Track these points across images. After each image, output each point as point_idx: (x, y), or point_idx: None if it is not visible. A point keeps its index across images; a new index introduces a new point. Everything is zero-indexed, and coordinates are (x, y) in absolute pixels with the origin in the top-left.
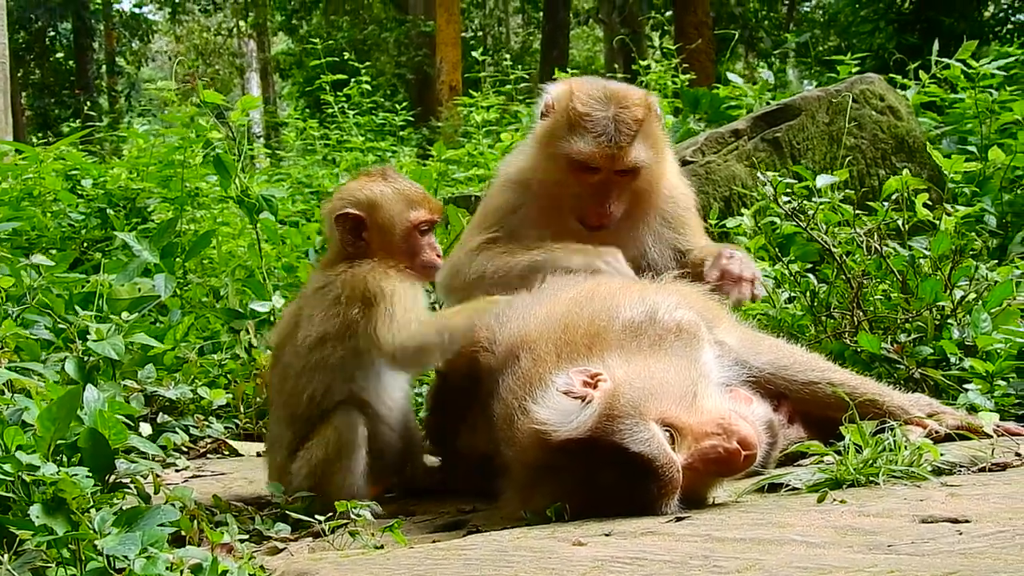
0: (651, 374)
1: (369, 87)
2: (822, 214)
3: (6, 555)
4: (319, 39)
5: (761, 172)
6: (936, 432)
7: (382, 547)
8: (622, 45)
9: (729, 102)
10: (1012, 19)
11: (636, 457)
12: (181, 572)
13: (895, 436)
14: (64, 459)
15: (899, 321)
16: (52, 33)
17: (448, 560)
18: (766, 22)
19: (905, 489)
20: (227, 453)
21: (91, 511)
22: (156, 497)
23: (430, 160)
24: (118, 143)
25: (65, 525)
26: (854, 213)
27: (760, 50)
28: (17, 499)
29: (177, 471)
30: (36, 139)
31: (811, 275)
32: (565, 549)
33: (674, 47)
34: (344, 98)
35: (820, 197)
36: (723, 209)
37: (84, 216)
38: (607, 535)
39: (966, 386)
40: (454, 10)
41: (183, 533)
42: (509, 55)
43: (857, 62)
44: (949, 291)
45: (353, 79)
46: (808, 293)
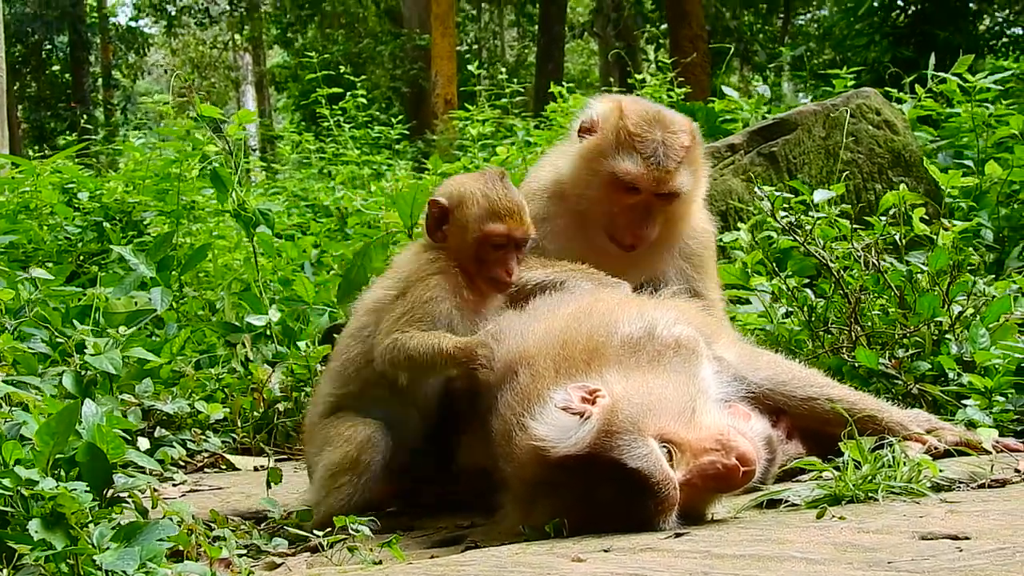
0: (649, 390)
1: (365, 100)
2: (819, 229)
3: (5, 570)
4: (315, 52)
5: (758, 186)
6: (935, 448)
7: (380, 563)
8: (617, 59)
9: (725, 116)
10: (1007, 33)
11: (634, 473)
12: None
13: (894, 452)
14: (62, 473)
15: (897, 336)
16: (48, 46)
17: None
18: (761, 35)
19: (904, 505)
20: (224, 467)
21: (90, 526)
22: (154, 512)
23: (426, 173)
24: (114, 156)
25: (64, 540)
26: (851, 228)
27: (755, 64)
28: (16, 513)
29: (175, 485)
30: (32, 152)
31: (808, 290)
32: (564, 565)
33: (669, 61)
34: (340, 111)
35: (817, 212)
36: (720, 224)
37: (80, 229)
38: (606, 551)
39: (964, 402)
40: (449, 23)
41: (181, 548)
42: (504, 68)
43: (853, 76)
44: (947, 306)
45: (348, 92)
46: (805, 308)
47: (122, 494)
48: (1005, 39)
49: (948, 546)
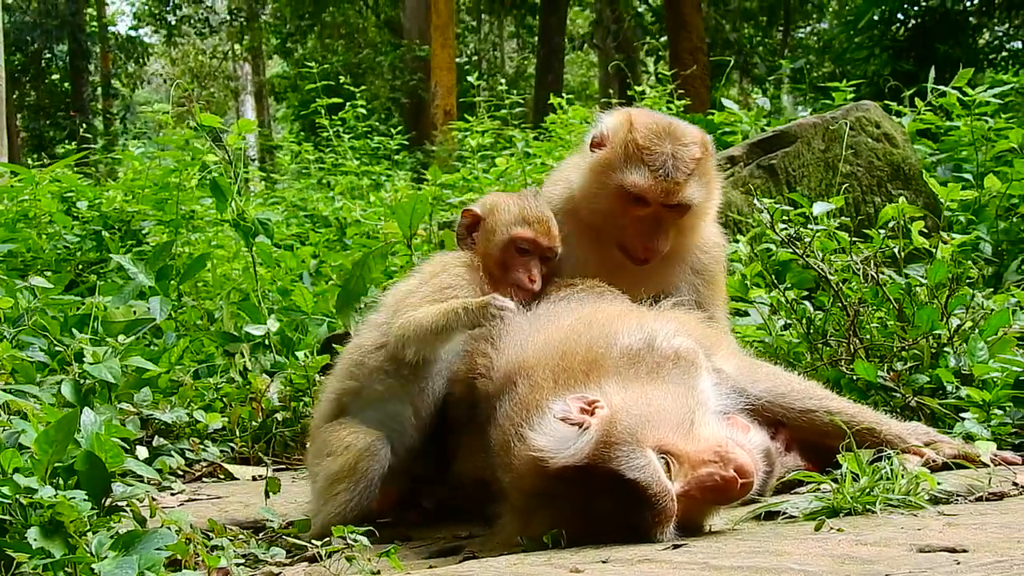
0: (648, 401)
1: (364, 111)
2: (818, 241)
3: None
4: (314, 63)
5: (757, 199)
6: (933, 461)
7: (378, 572)
8: (617, 70)
9: (724, 128)
10: (1007, 47)
11: (632, 484)
12: None
13: (892, 465)
14: (61, 482)
15: (895, 349)
16: (48, 55)
17: None
18: (761, 48)
19: (902, 518)
20: (223, 477)
21: (88, 534)
22: (152, 521)
23: (425, 184)
24: (113, 165)
25: (62, 548)
26: (850, 240)
27: (755, 76)
28: (14, 522)
29: (173, 494)
30: (32, 161)
31: (807, 302)
32: None
33: (669, 73)
34: (339, 122)
35: (816, 224)
36: None
37: (79, 238)
38: (604, 562)
39: (962, 415)
40: (449, 35)
41: (179, 557)
42: (504, 80)
43: (852, 89)
44: (945, 319)
45: (348, 103)
46: (804, 320)
47: (120, 503)
48: (1005, 53)
49: (946, 559)
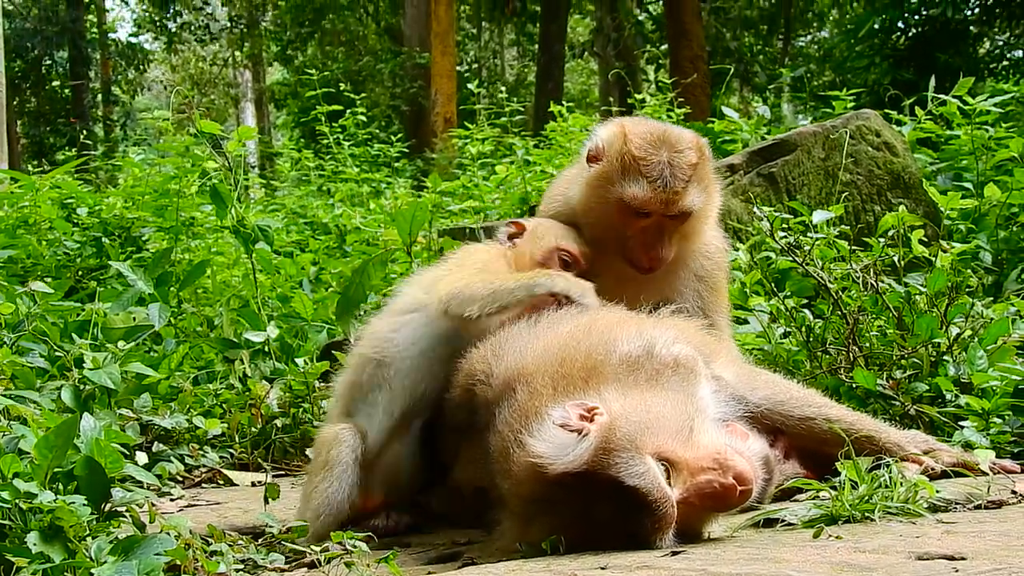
0: (647, 408)
1: (364, 118)
2: (818, 250)
3: None
4: (314, 70)
5: (757, 207)
6: (932, 469)
7: None
8: (617, 79)
9: (724, 136)
10: (1007, 56)
11: (631, 491)
12: None
13: (891, 472)
14: (61, 487)
15: (895, 357)
16: (48, 61)
17: None
18: (761, 56)
19: (901, 526)
20: (222, 483)
21: (87, 539)
22: (152, 526)
23: (425, 192)
24: (113, 172)
25: (62, 553)
26: (850, 249)
27: (755, 84)
28: (14, 527)
29: (172, 500)
30: (32, 167)
31: (807, 310)
32: None
33: (669, 81)
34: (339, 129)
35: (816, 232)
36: None
37: (79, 245)
38: (603, 569)
39: (961, 423)
40: (449, 42)
41: (178, 563)
42: (504, 87)
43: (853, 97)
44: (945, 328)
45: (348, 110)
46: (804, 328)
47: (120, 508)
48: (1005, 62)
49: (944, 566)
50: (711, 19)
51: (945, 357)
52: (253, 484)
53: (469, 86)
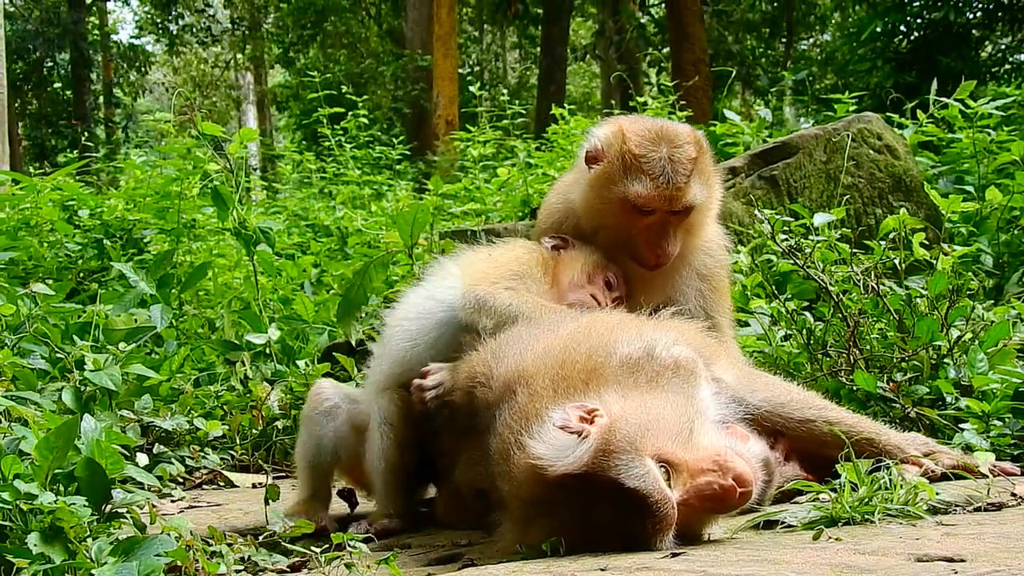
0: (647, 410)
1: (366, 120)
2: (819, 252)
3: None
4: (316, 72)
5: (758, 210)
6: (932, 471)
7: None
8: (619, 81)
9: (726, 139)
10: (1010, 59)
11: (631, 493)
12: None
13: (891, 475)
14: (61, 488)
15: (895, 360)
16: (50, 63)
17: None
18: (763, 59)
19: (900, 528)
20: (223, 484)
21: (88, 540)
22: (152, 527)
23: (426, 194)
24: (115, 174)
25: (62, 554)
26: (851, 252)
27: (757, 87)
28: (14, 527)
29: (173, 502)
30: (33, 169)
31: (807, 313)
32: None
33: (671, 84)
34: (341, 131)
35: (817, 235)
36: None
37: (81, 246)
38: (602, 570)
39: (962, 426)
40: (451, 45)
41: (179, 564)
42: (506, 90)
43: (855, 100)
44: (945, 331)
45: (350, 112)
46: (804, 331)
47: (120, 509)
48: (1008, 65)
49: (944, 568)
50: (713, 22)
51: (946, 360)
52: (254, 486)
53: (471, 89)
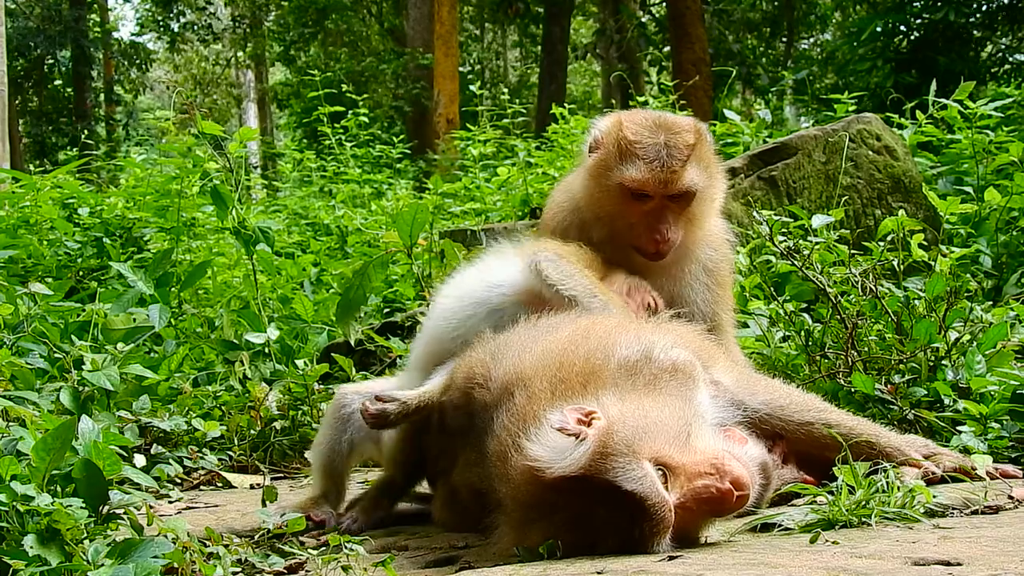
0: (645, 413)
1: (366, 119)
2: (817, 254)
3: None
4: (317, 70)
5: (757, 211)
6: (933, 473)
7: None
8: (619, 80)
9: (726, 139)
10: (1009, 60)
11: (629, 495)
12: None
13: (888, 478)
14: (58, 489)
15: (893, 362)
16: (51, 61)
17: None
18: (764, 59)
19: (897, 531)
20: (221, 485)
21: (85, 542)
22: (149, 529)
23: (426, 193)
24: (115, 172)
25: (59, 556)
26: (849, 253)
27: (758, 87)
28: (11, 529)
29: (170, 503)
30: (33, 167)
31: (806, 315)
32: None
33: (671, 83)
34: (341, 130)
35: (816, 236)
36: None
37: (80, 245)
38: (599, 573)
39: (959, 428)
40: (452, 43)
41: (176, 565)
42: (507, 89)
43: (854, 101)
44: (943, 333)
45: (350, 111)
46: (802, 333)
47: (118, 511)
48: (1007, 66)
49: (940, 572)
50: (714, 21)
51: (944, 362)
52: (252, 487)
53: (472, 87)
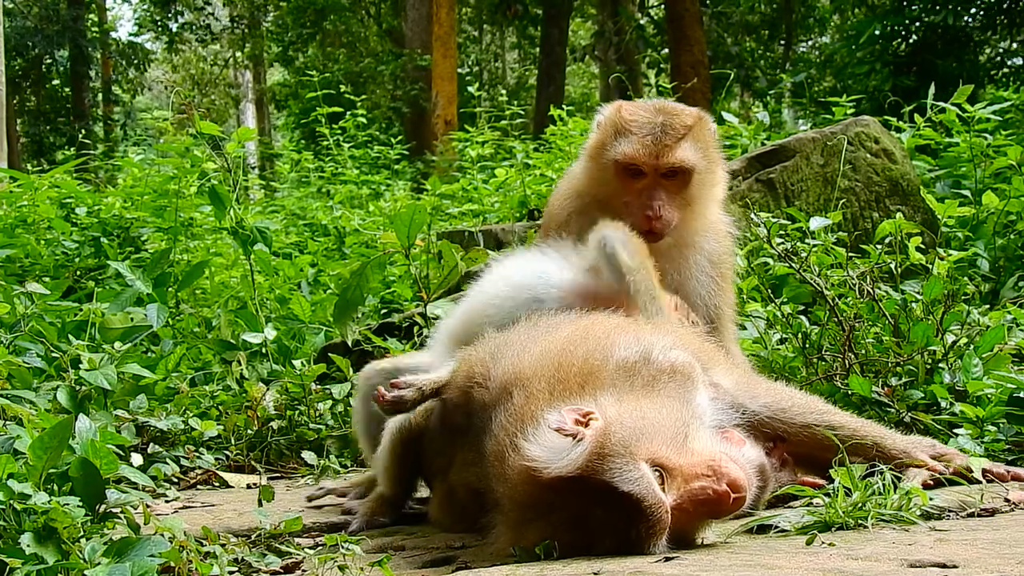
0: (643, 414)
1: (364, 120)
2: (815, 256)
3: None
4: (315, 71)
5: (755, 213)
6: (941, 474)
7: None
8: (618, 82)
9: (724, 142)
10: (1008, 63)
11: (625, 496)
12: None
13: (884, 480)
14: (55, 488)
15: (890, 365)
16: (49, 60)
17: None
18: (762, 62)
19: (894, 533)
20: (217, 484)
21: (81, 541)
22: (146, 528)
23: (424, 194)
24: (113, 172)
25: (55, 554)
26: (847, 256)
27: (756, 90)
28: (8, 527)
29: (167, 502)
30: (31, 167)
31: (803, 317)
32: None
33: (670, 85)
34: (339, 130)
35: (813, 239)
36: None
37: (78, 244)
38: (596, 574)
39: (956, 431)
40: (451, 45)
41: (172, 564)
42: (505, 90)
43: (853, 104)
44: (941, 335)
45: (348, 112)
46: (800, 335)
47: (114, 510)
48: (1006, 69)
49: (936, 574)
50: (712, 24)
51: (940, 365)
52: (248, 486)
53: (470, 89)
